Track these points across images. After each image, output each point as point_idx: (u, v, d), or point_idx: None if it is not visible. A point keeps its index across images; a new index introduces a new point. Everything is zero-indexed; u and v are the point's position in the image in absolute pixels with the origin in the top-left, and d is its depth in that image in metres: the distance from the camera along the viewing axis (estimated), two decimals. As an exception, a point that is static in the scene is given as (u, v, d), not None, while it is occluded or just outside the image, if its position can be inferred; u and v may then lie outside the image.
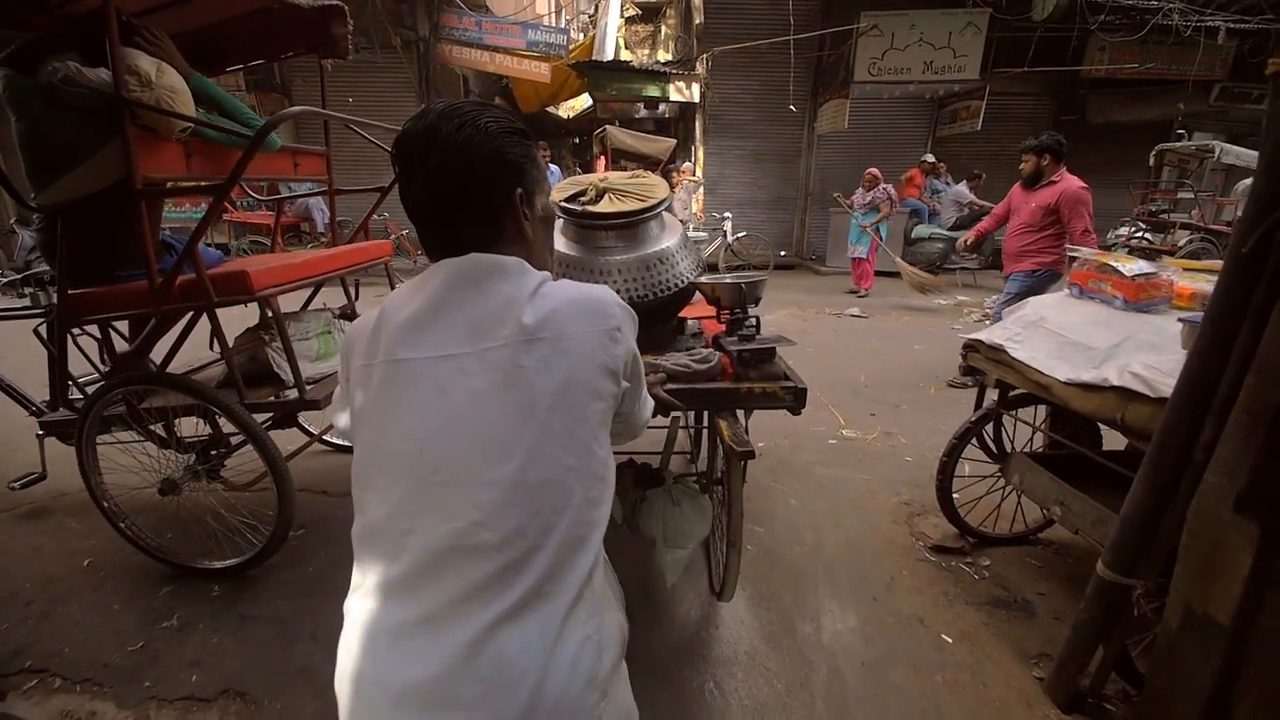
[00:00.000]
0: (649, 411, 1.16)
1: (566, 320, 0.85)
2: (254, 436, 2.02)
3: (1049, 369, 1.97)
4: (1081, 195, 3.92)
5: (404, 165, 0.86)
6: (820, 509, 2.73)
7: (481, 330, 0.83)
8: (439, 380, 0.82)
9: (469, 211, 0.87)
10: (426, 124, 0.84)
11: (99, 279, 2.05)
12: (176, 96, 1.80)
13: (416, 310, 0.85)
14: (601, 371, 0.86)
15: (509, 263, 0.88)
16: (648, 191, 2.18)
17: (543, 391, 0.81)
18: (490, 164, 0.85)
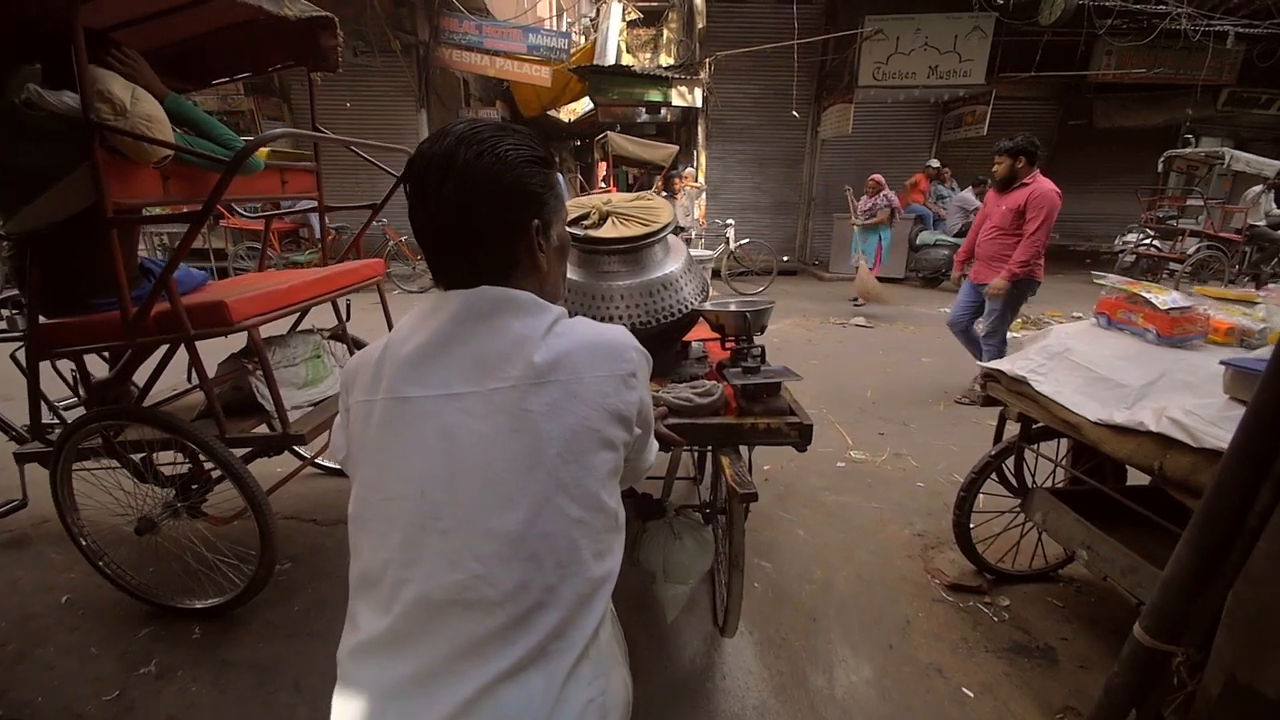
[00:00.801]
0: (654, 455, 1.11)
1: (579, 363, 0.81)
2: (234, 475, 1.91)
3: (1077, 406, 1.86)
4: (1051, 197, 3.83)
5: (417, 190, 0.81)
6: (830, 541, 2.61)
7: (489, 369, 0.79)
8: (443, 421, 0.77)
9: (483, 241, 0.82)
10: (444, 149, 0.79)
11: (72, 308, 1.94)
12: (154, 125, 1.69)
13: (422, 344, 0.81)
14: (613, 419, 0.82)
15: (522, 298, 0.84)
16: (652, 216, 2.11)
17: (550, 438, 0.77)
18: (509, 195, 0.81)
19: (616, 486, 0.86)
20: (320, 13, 2.36)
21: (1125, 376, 1.83)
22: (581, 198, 2.28)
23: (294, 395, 2.32)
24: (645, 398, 0.90)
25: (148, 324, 1.79)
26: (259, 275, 2.64)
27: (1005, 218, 4.00)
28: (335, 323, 2.77)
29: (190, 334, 1.77)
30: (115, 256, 1.70)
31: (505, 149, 0.80)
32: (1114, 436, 1.72)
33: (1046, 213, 3.80)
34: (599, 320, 1.84)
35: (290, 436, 1.99)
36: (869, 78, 9.41)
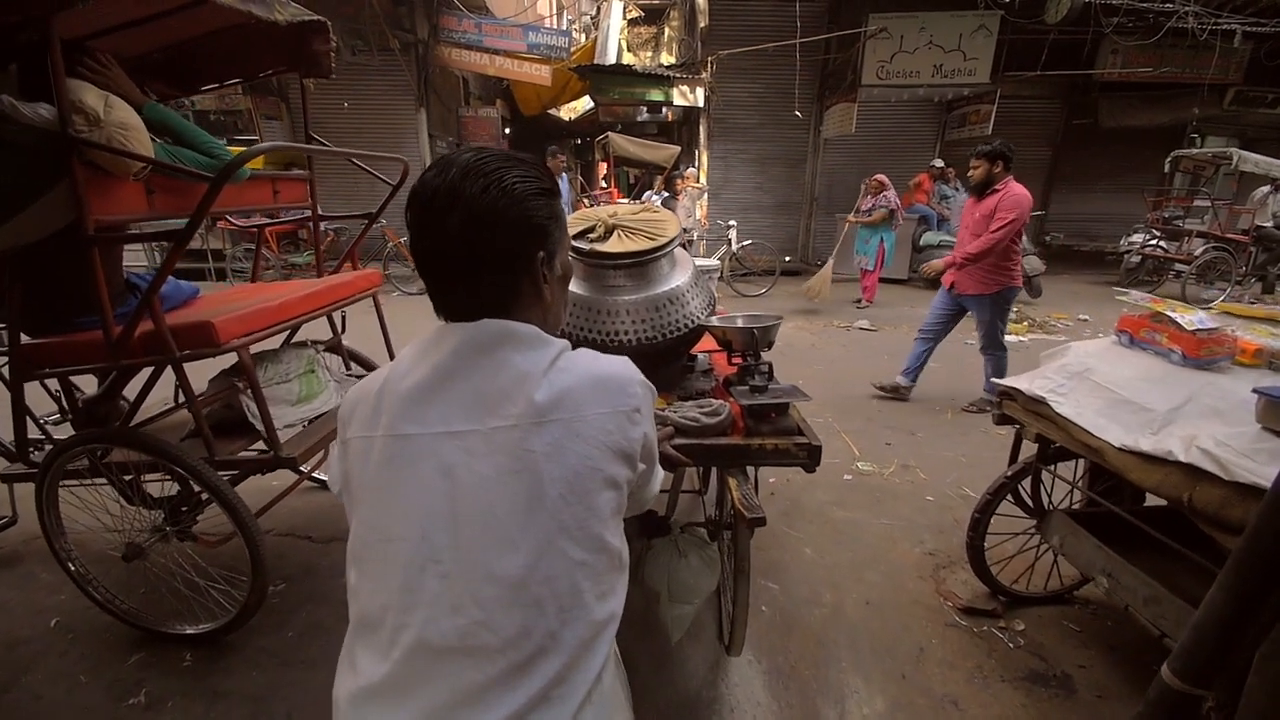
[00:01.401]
0: (658, 484, 1.08)
1: (582, 400, 0.79)
2: (224, 502, 1.84)
3: (1099, 429, 1.79)
4: (1021, 201, 3.78)
5: (421, 220, 0.80)
6: (839, 561, 2.54)
7: (490, 406, 0.78)
8: (443, 460, 0.76)
9: (487, 273, 0.81)
10: (450, 181, 0.77)
11: (55, 327, 1.87)
12: (129, 134, 1.61)
13: (422, 380, 0.79)
14: (617, 456, 0.81)
15: (524, 331, 0.82)
16: (658, 229, 2.07)
17: (552, 479, 0.75)
18: (515, 228, 0.80)
19: (620, 524, 0.85)
20: (313, 17, 2.29)
21: (1150, 400, 1.76)
22: (587, 210, 2.23)
23: (287, 413, 2.25)
24: (649, 432, 0.88)
25: (132, 345, 1.72)
26: (252, 288, 2.56)
27: (979, 225, 3.95)
28: (330, 334, 2.70)
29: (176, 356, 1.70)
30: (97, 276, 1.63)
31: (512, 181, 0.79)
32: (1140, 464, 1.65)
33: (1015, 215, 3.75)
34: (604, 336, 1.84)
35: (282, 460, 1.92)
36: (873, 76, 9.31)
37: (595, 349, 1.92)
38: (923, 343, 4.46)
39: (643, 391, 0.86)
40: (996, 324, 4.13)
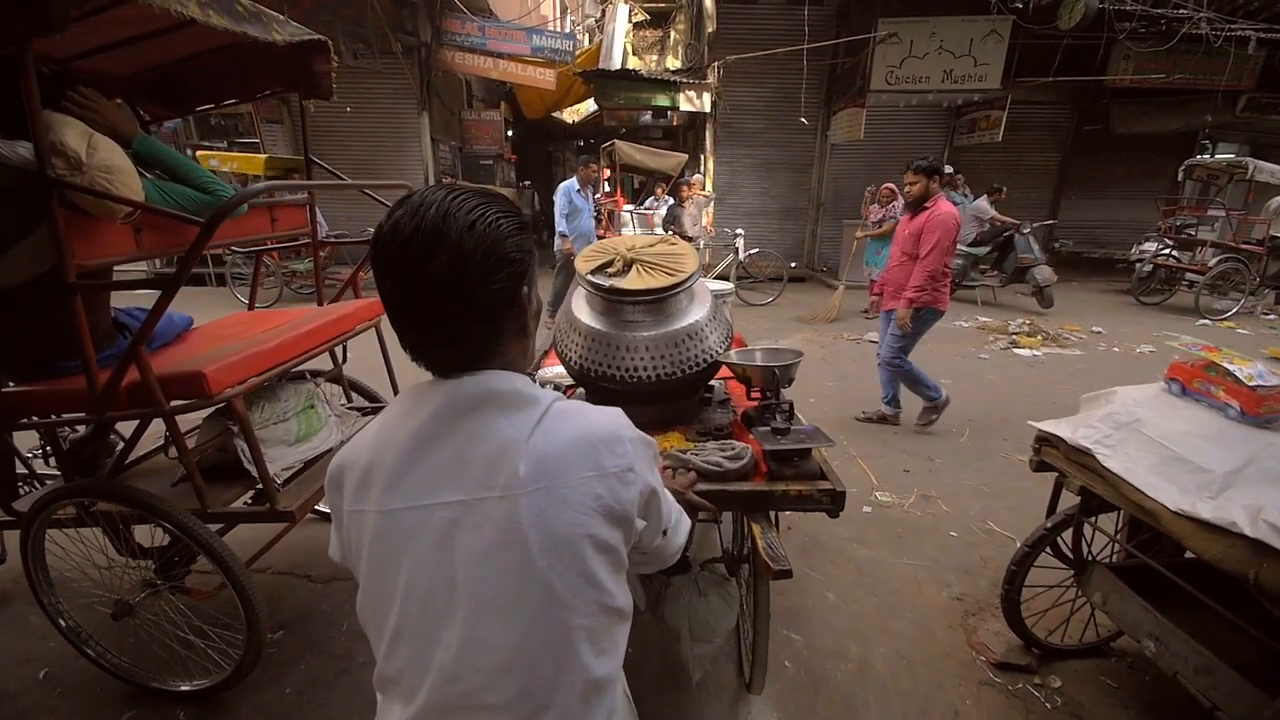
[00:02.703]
0: (682, 537, 1.04)
1: (567, 464, 0.77)
2: (218, 560, 1.73)
3: (1152, 489, 1.67)
4: (947, 220, 3.67)
5: (397, 265, 0.74)
6: (863, 607, 2.42)
7: (476, 475, 0.76)
8: (434, 535, 0.76)
9: (471, 318, 0.77)
10: (429, 222, 0.73)
11: (37, 372, 1.75)
12: (114, 177, 1.48)
13: (406, 449, 0.78)
14: (609, 520, 0.79)
15: (506, 391, 0.80)
16: (677, 264, 1.99)
17: (542, 550, 0.74)
18: (503, 266, 0.77)
19: (623, 580, 0.83)
20: (313, 36, 2.16)
21: (1206, 459, 1.64)
22: (603, 241, 2.14)
23: (285, 454, 2.14)
24: (649, 487, 0.85)
25: (119, 394, 1.60)
26: (248, 319, 2.44)
27: (908, 242, 3.86)
28: (331, 367, 2.59)
29: (165, 410, 1.58)
30: (80, 324, 1.52)
31: (494, 218, 0.76)
32: (1199, 532, 1.54)
33: (939, 236, 3.65)
34: (622, 372, 1.80)
35: (279, 513, 1.80)
36: (882, 82, 9.18)
37: (612, 385, 1.86)
38: (883, 369, 4.33)
39: (634, 449, 0.83)
40: (906, 342, 4.03)
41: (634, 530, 0.84)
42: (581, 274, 1.94)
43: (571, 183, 6.65)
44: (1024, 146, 10.90)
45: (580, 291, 2.06)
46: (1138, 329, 7.31)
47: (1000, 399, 4.90)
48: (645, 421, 1.96)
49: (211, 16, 1.64)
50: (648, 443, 0.88)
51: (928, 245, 3.67)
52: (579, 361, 1.91)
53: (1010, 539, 2.92)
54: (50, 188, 1.40)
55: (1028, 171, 11.25)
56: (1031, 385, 5.27)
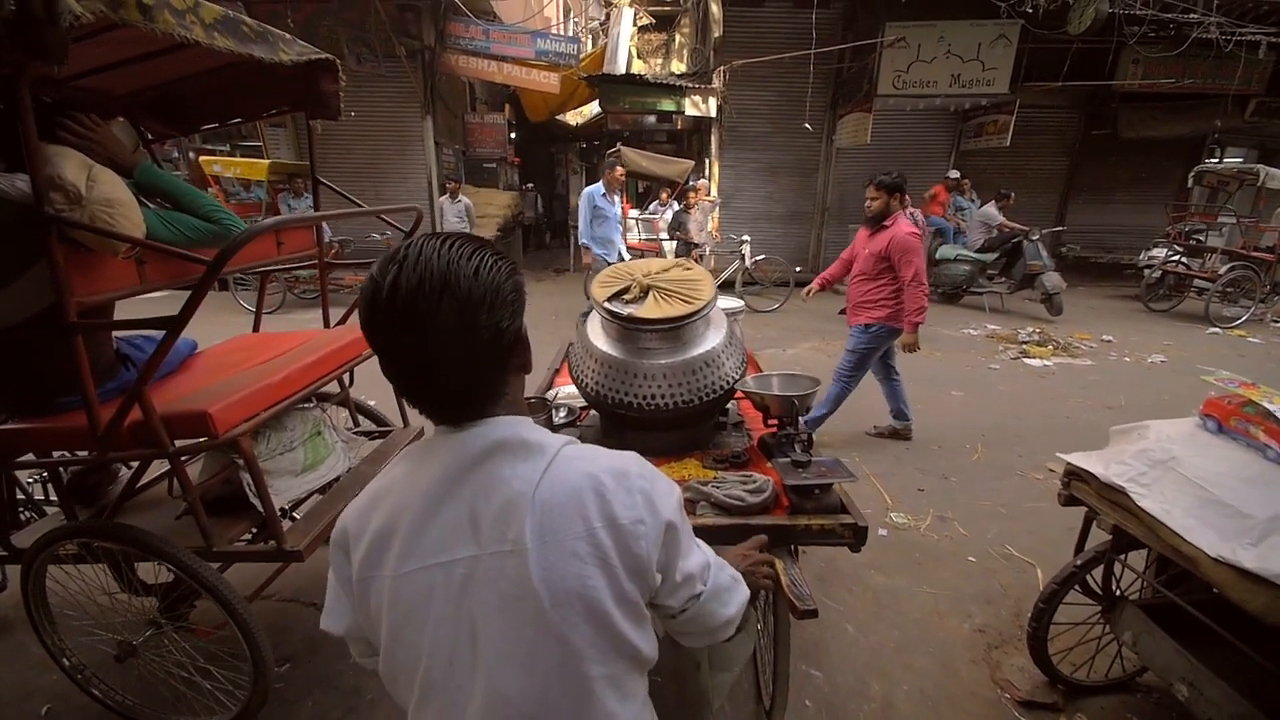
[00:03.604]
0: (733, 607, 0.96)
1: (573, 517, 0.76)
2: (224, 602, 1.67)
3: (1189, 533, 1.61)
4: (910, 242, 3.61)
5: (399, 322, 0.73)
6: (884, 641, 2.36)
7: (487, 529, 0.76)
8: (453, 591, 0.76)
9: (484, 360, 0.78)
10: (435, 271, 0.72)
11: (37, 408, 1.69)
12: (115, 211, 1.43)
13: (419, 511, 0.78)
14: (621, 573, 0.77)
15: (512, 440, 0.79)
16: (695, 291, 1.97)
17: (554, 605, 0.74)
18: (506, 307, 0.77)
19: (646, 629, 0.82)
20: (320, 55, 2.11)
21: (1247, 503, 1.57)
22: (619, 266, 2.10)
23: (291, 485, 2.08)
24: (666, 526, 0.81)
25: (121, 434, 1.55)
26: (255, 341, 2.38)
27: (868, 262, 3.79)
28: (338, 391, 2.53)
29: (170, 451, 1.53)
30: (81, 363, 1.46)
31: (492, 261, 0.77)
32: (1240, 582, 1.47)
33: (916, 262, 3.60)
34: (638, 400, 1.78)
35: (285, 553, 1.74)
36: (889, 86, 9.10)
37: (629, 412, 1.81)
38: (883, 383, 4.31)
39: (645, 499, 0.80)
40: (862, 360, 4.00)
41: (653, 582, 0.81)
42: (598, 301, 1.92)
43: (596, 188, 6.30)
44: (1031, 151, 10.84)
45: (595, 316, 2.03)
46: (1148, 337, 7.24)
47: (1013, 412, 4.84)
48: (662, 448, 1.96)
49: (216, 39, 1.59)
50: (666, 486, 0.85)
51: (909, 271, 3.62)
52: (594, 387, 1.89)
53: (1029, 564, 2.86)
54: (48, 224, 1.34)
55: (1034, 176, 11.19)
56: (1044, 397, 5.20)
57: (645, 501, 0.80)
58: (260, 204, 8.40)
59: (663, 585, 0.84)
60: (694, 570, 0.87)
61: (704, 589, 0.90)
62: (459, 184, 9.00)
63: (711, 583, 0.91)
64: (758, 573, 1.19)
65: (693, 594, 0.88)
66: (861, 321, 3.91)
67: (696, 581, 0.88)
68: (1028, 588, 2.70)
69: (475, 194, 9.97)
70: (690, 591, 0.88)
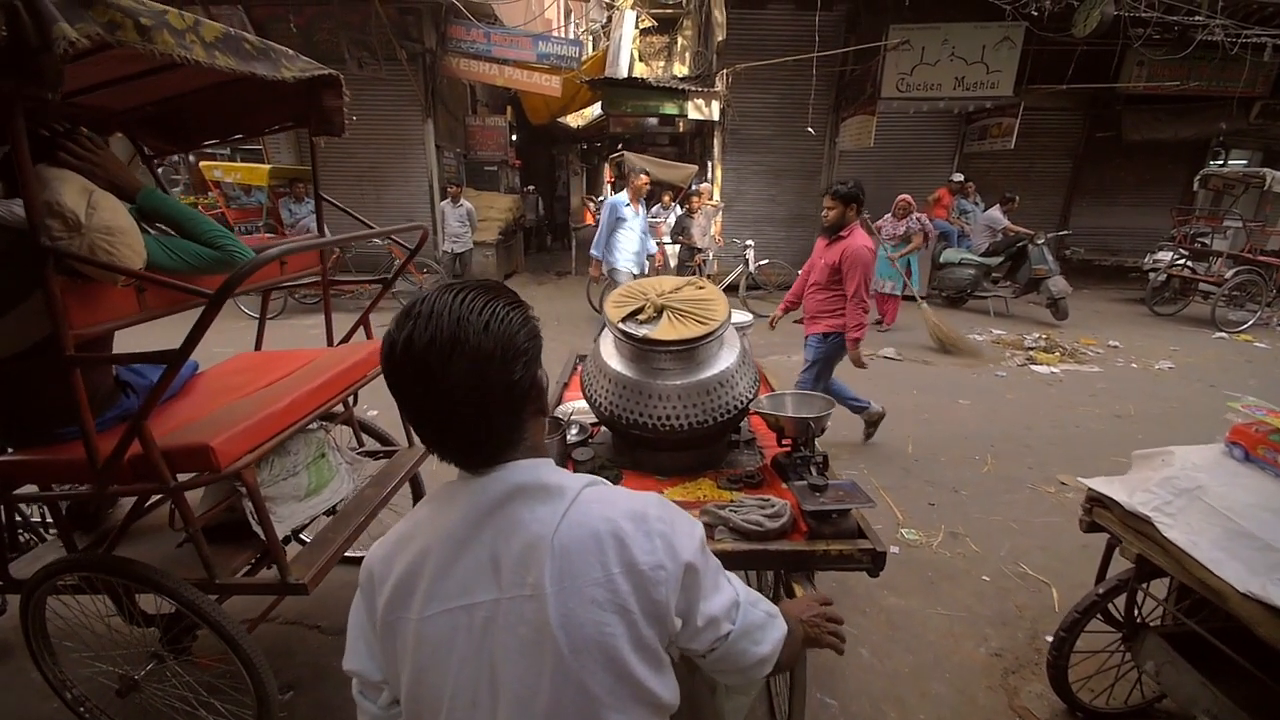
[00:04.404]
0: (767, 646, 0.94)
1: (592, 562, 0.76)
2: (227, 638, 1.63)
3: (1217, 566, 1.57)
4: (863, 255, 3.57)
5: (415, 375, 0.75)
6: (899, 667, 2.32)
7: (507, 573, 0.77)
8: (474, 636, 0.77)
9: (494, 414, 0.78)
10: (446, 329, 0.74)
11: (35, 438, 1.65)
12: (116, 239, 1.38)
13: (441, 555, 0.79)
14: (641, 618, 0.77)
15: (530, 484, 0.80)
16: (709, 312, 1.94)
17: (572, 651, 0.74)
18: (519, 359, 0.78)
19: (665, 674, 0.81)
20: (324, 70, 2.06)
21: (1275, 535, 1.54)
22: (632, 285, 2.08)
23: (295, 511, 2.03)
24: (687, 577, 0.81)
25: (120, 468, 1.50)
26: (255, 362, 2.34)
27: (823, 272, 3.76)
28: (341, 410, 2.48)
29: (171, 486, 1.48)
30: (79, 397, 1.41)
31: (502, 314, 0.77)
32: (1271, 619, 1.43)
33: (862, 272, 3.56)
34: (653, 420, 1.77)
35: (290, 586, 1.70)
36: (893, 89, 9.05)
37: (643, 432, 1.79)
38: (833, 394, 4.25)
39: (665, 543, 0.80)
40: (821, 373, 3.96)
41: (673, 627, 0.81)
42: (612, 321, 1.91)
43: (620, 197, 6.04)
44: (1035, 153, 10.79)
45: (608, 335, 2.01)
46: (1154, 343, 7.19)
47: (1022, 421, 4.79)
48: (674, 468, 1.94)
49: (218, 58, 1.55)
50: (688, 532, 0.84)
51: (851, 286, 3.60)
52: (608, 406, 1.88)
53: (1044, 583, 2.82)
54: (45, 256, 1.29)
55: (1038, 178, 11.14)
56: (1052, 406, 5.16)
57: (665, 545, 0.80)
58: (261, 209, 8.36)
59: (683, 630, 0.83)
60: (718, 612, 0.87)
61: (732, 628, 0.89)
62: (460, 188, 8.94)
63: (741, 621, 0.90)
64: (824, 627, 1.15)
65: (718, 635, 0.88)
66: (819, 330, 3.86)
67: (723, 622, 0.88)
68: (1043, 608, 2.66)
69: (476, 197, 9.93)
70: (715, 634, 0.87)
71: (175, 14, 1.43)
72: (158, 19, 1.36)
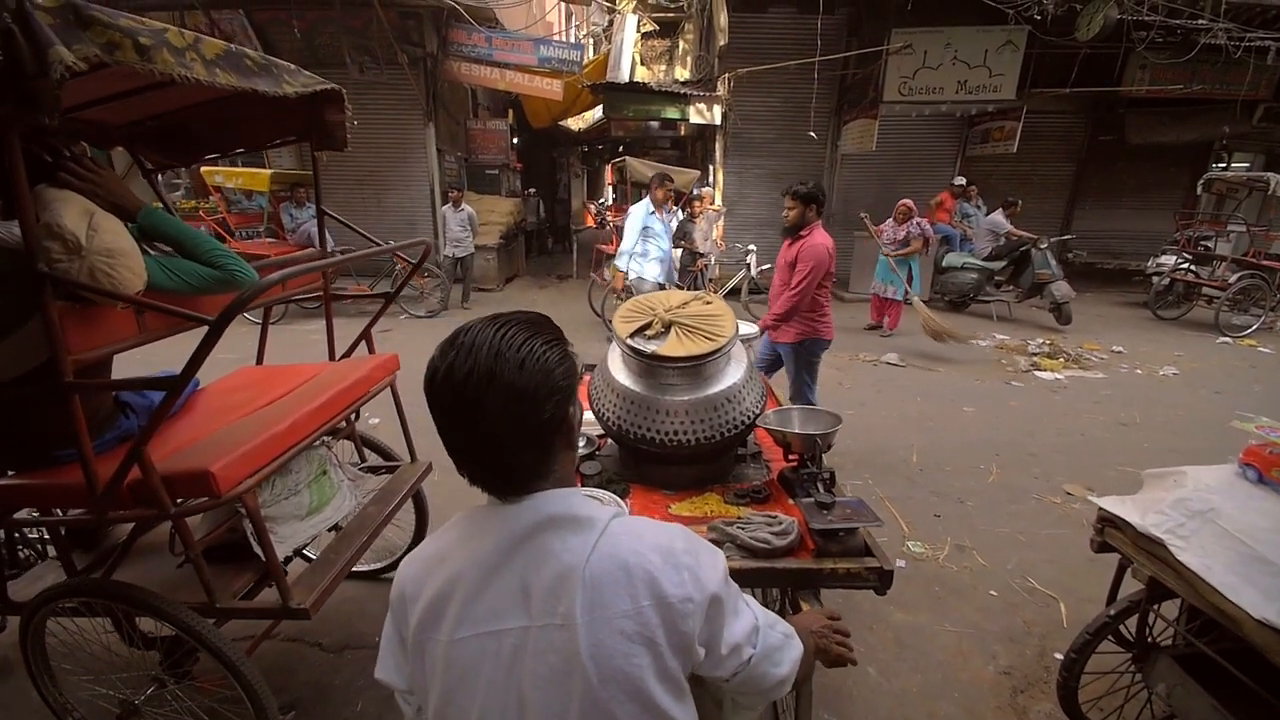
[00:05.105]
0: (785, 667, 0.97)
1: (622, 595, 0.78)
2: (226, 664, 1.61)
3: (1231, 591, 1.54)
4: (816, 251, 3.53)
5: (453, 406, 0.79)
6: (907, 686, 2.29)
7: (538, 602, 0.79)
8: (504, 660, 0.79)
9: (526, 447, 0.82)
10: (482, 365, 0.77)
11: (32, 460, 1.63)
12: (116, 262, 1.36)
13: (474, 581, 0.81)
14: (667, 649, 0.79)
15: (562, 515, 0.82)
16: (716, 328, 1.93)
17: (601, 681, 0.76)
18: (552, 397, 0.81)
19: (685, 703, 0.83)
20: (326, 85, 2.04)
21: (1292, 560, 1.51)
22: (641, 299, 2.07)
23: (297, 530, 2.01)
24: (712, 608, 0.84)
25: (120, 493, 1.48)
26: (256, 377, 2.32)
27: (785, 273, 3.74)
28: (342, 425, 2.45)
29: (171, 512, 1.46)
30: (78, 423, 1.39)
31: (540, 352, 0.80)
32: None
33: (811, 266, 3.52)
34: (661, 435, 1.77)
35: (292, 611, 1.68)
36: (895, 92, 9.03)
37: (650, 447, 1.77)
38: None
39: (691, 575, 0.82)
40: (802, 376, 3.89)
41: (696, 657, 0.83)
42: (620, 337, 1.91)
43: (646, 204, 5.91)
44: (1037, 156, 10.76)
45: (615, 349, 2.01)
46: (1158, 348, 7.17)
47: (1026, 429, 4.76)
48: (681, 482, 1.93)
49: (219, 76, 1.53)
50: (712, 563, 0.86)
51: (799, 276, 3.56)
52: (616, 421, 1.88)
53: (1052, 598, 2.79)
54: (42, 281, 1.27)
55: (1041, 182, 11.12)
56: (1057, 413, 5.13)
57: (692, 578, 0.82)
58: (262, 213, 8.35)
59: (707, 659, 0.86)
60: (740, 639, 0.89)
61: (753, 652, 0.91)
62: (462, 192, 8.91)
63: (761, 645, 0.93)
64: (833, 639, 1.18)
65: (741, 661, 0.90)
66: (789, 340, 3.80)
67: (745, 648, 0.90)
68: (1051, 624, 2.63)
69: (478, 201, 9.91)
70: (738, 660, 0.90)
71: (175, 32, 1.41)
72: (157, 38, 1.34)
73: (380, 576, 2.90)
